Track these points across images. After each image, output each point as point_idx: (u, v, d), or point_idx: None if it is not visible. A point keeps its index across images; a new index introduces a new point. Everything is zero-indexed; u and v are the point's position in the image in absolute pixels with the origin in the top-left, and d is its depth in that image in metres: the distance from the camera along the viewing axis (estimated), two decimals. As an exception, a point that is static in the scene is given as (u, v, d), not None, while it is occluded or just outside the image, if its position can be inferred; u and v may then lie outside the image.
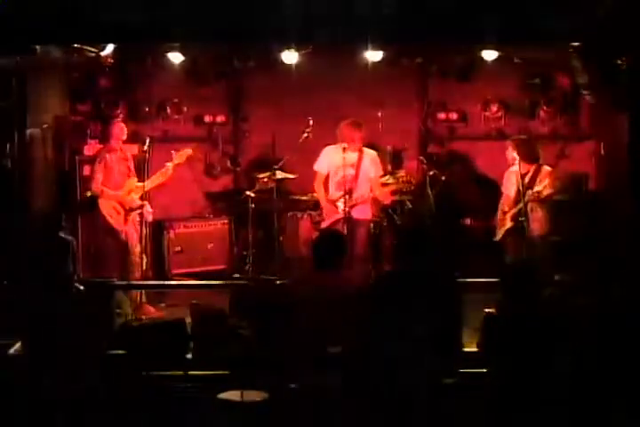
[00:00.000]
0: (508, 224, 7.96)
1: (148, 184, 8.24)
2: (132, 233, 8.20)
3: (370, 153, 8.28)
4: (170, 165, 8.30)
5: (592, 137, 9.77)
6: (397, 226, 8.78)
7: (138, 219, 8.22)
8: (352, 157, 8.17)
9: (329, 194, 8.30)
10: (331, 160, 8.26)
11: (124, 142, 8.40)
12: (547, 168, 7.98)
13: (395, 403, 4.70)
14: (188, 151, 8.43)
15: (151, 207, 8.37)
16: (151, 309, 8.11)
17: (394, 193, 8.60)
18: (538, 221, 7.88)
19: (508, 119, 9.93)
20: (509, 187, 8.07)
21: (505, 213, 8.04)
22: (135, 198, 8.19)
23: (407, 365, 4.70)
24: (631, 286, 6.35)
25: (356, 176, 8.18)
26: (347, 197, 8.06)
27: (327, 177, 8.31)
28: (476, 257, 8.96)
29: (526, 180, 7.89)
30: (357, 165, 8.18)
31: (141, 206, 8.21)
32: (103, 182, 8.20)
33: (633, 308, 5.19)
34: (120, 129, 8.34)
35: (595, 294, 5.16)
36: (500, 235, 8.09)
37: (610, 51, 7.21)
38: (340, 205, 8.10)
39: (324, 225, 8.31)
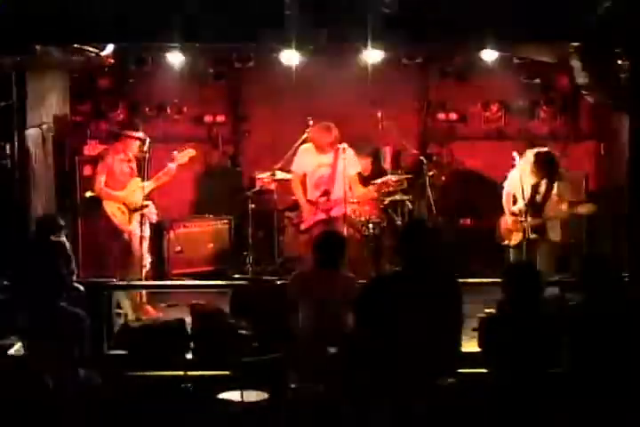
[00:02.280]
0: (529, 235, 7.78)
1: (151, 184, 8.24)
2: (136, 233, 8.19)
3: (346, 151, 8.25)
4: (173, 165, 8.29)
5: (592, 137, 9.78)
6: (399, 226, 8.78)
7: (140, 219, 8.22)
8: (327, 156, 8.18)
9: (307, 195, 8.30)
10: (307, 160, 8.26)
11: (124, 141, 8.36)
12: (559, 182, 7.85)
13: (395, 403, 4.70)
14: (190, 152, 8.40)
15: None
16: (150, 309, 8.11)
17: (380, 192, 8.59)
18: (554, 231, 7.82)
19: (507, 119, 9.93)
20: (519, 193, 7.86)
21: (517, 217, 7.84)
22: (139, 198, 8.19)
23: (407, 364, 4.69)
24: (631, 285, 6.36)
25: (332, 176, 8.17)
26: (323, 198, 8.10)
27: (305, 177, 8.32)
28: (475, 257, 8.98)
29: (541, 190, 7.79)
30: (333, 165, 8.18)
31: (144, 207, 8.20)
32: (106, 183, 8.19)
33: (633, 308, 5.19)
34: (133, 142, 8.29)
35: (593, 293, 5.15)
36: (514, 240, 7.89)
37: (610, 51, 7.20)
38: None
39: (303, 227, 8.29)
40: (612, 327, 4.97)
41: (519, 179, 7.77)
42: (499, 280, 5.19)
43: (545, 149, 7.89)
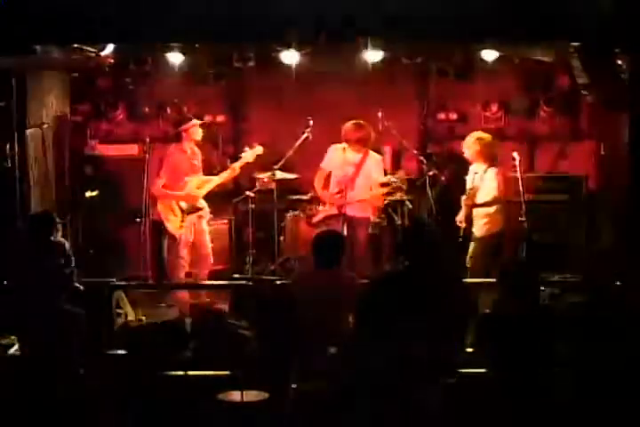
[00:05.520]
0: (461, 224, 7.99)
1: (215, 181, 8.28)
2: (184, 238, 8.18)
3: (375, 156, 8.30)
4: (237, 164, 8.30)
5: (592, 137, 9.76)
6: (399, 226, 8.78)
7: (194, 221, 8.21)
8: (355, 157, 8.20)
9: (329, 190, 8.34)
10: (334, 158, 8.29)
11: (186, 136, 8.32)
12: (494, 169, 7.94)
13: (394, 403, 4.70)
14: (258, 149, 8.36)
15: (153, 208, 8.35)
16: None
17: (387, 196, 8.62)
18: (479, 224, 7.92)
19: (507, 119, 9.92)
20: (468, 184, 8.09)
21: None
22: (198, 197, 8.20)
23: (407, 364, 4.69)
24: (630, 285, 6.36)
25: (355, 175, 8.19)
26: (339, 195, 8.10)
27: (329, 175, 8.35)
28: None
29: (477, 179, 7.91)
30: (359, 165, 8.19)
31: (198, 209, 8.23)
32: (165, 184, 8.17)
33: (631, 307, 5.19)
34: (195, 130, 8.30)
35: (592, 293, 5.17)
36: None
37: (610, 51, 7.20)
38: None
39: (315, 220, 8.34)
40: (612, 327, 4.98)
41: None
42: (497, 279, 5.19)
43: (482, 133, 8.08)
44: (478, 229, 7.90)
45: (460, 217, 7.97)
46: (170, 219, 8.16)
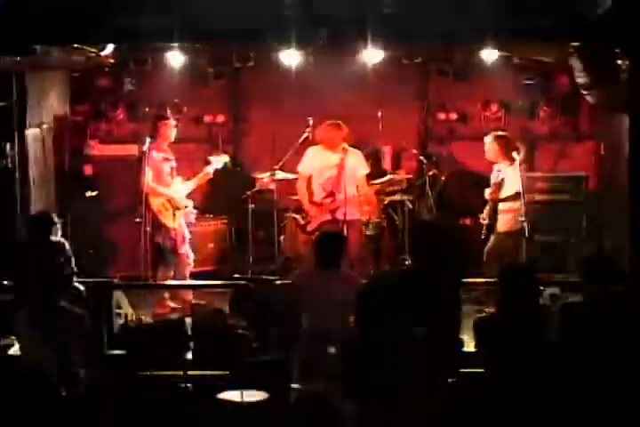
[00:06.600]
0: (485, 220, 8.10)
1: (191, 185, 8.34)
2: (180, 231, 8.27)
3: (354, 152, 8.27)
4: (210, 169, 8.32)
5: (592, 137, 9.77)
6: (399, 226, 8.79)
7: (182, 219, 8.31)
8: (335, 157, 8.17)
9: (314, 196, 8.30)
10: (314, 161, 8.26)
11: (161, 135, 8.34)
12: (516, 166, 7.96)
13: (394, 403, 4.70)
14: (225, 158, 8.51)
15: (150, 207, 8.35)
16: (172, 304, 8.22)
17: (380, 193, 8.61)
18: (504, 219, 7.99)
19: (507, 119, 9.93)
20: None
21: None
22: (183, 198, 8.27)
23: (407, 365, 4.69)
24: (630, 286, 6.36)
25: (339, 177, 8.16)
26: (329, 199, 8.09)
27: (310, 179, 8.32)
28: (474, 257, 8.97)
29: (500, 176, 7.97)
30: (340, 166, 8.18)
31: (185, 207, 8.31)
32: (153, 180, 8.18)
33: (632, 307, 5.19)
34: (169, 129, 8.31)
35: (591, 293, 5.16)
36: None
37: (610, 51, 7.20)
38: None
39: (310, 228, 8.29)
40: (612, 327, 4.97)
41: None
42: (497, 280, 5.19)
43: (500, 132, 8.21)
44: (503, 223, 7.98)
45: (484, 214, 8.04)
46: (163, 213, 8.21)
